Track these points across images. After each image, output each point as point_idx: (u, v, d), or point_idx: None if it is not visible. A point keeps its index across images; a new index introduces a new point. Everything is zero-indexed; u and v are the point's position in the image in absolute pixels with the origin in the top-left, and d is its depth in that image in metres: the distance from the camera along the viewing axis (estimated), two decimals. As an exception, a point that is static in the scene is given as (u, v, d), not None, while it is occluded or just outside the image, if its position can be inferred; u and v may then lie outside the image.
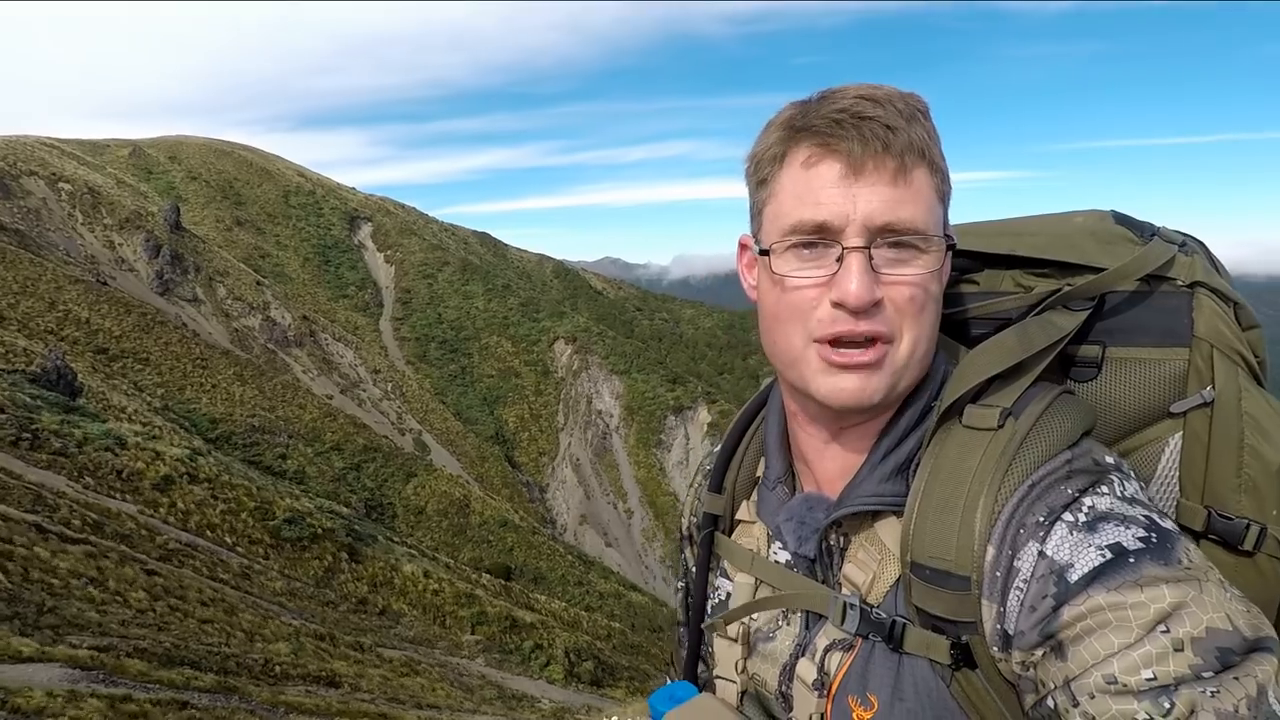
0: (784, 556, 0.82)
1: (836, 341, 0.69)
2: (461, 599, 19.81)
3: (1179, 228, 0.77)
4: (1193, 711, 0.50)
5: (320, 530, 19.89)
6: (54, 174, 59.98)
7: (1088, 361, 0.73)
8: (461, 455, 60.27)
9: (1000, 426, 0.67)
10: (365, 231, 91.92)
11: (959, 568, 0.64)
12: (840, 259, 0.68)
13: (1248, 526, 0.66)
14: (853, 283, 0.66)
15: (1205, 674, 0.51)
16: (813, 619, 0.78)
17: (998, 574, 0.62)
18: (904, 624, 0.68)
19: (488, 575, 26.63)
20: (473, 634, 18.23)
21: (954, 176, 0.73)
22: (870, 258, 0.67)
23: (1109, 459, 0.66)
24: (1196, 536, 0.67)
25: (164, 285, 58.00)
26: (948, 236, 0.71)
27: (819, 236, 0.68)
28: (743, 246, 0.80)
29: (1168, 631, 0.53)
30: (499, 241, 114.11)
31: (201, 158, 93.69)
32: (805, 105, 0.72)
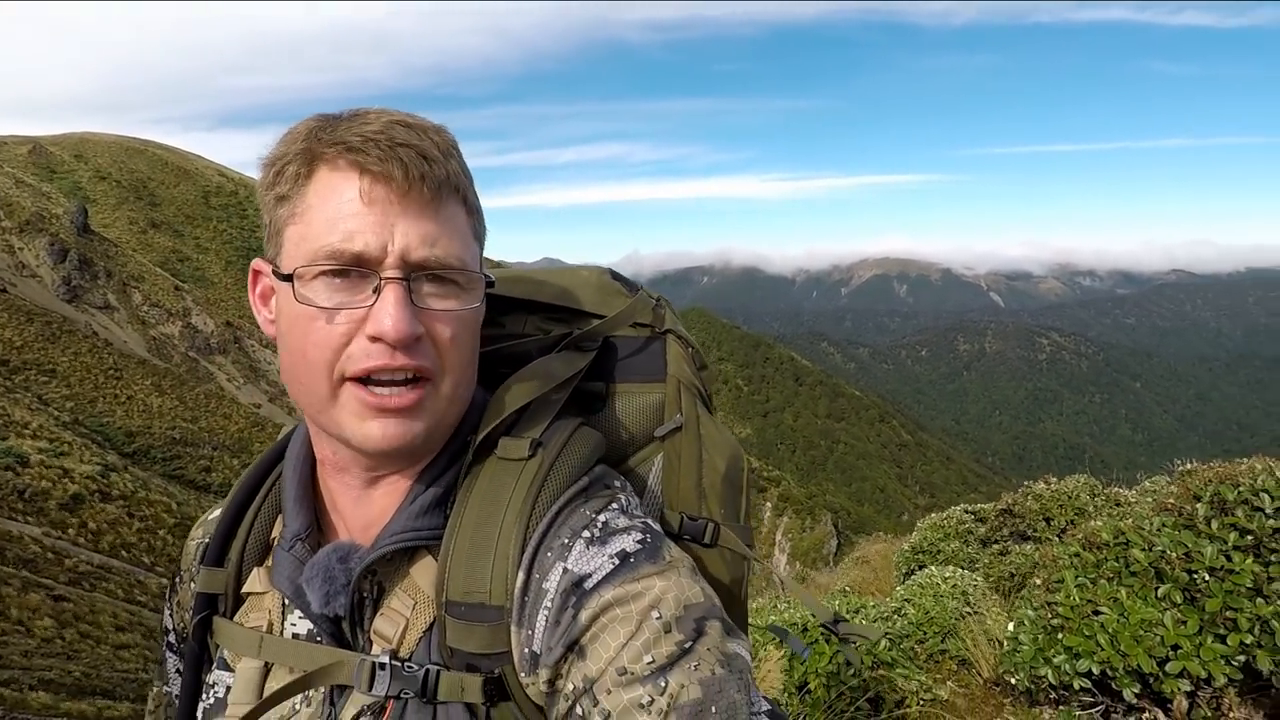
0: (304, 626, 0.76)
1: (371, 379, 0.67)
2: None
3: (1077, 230, 0.69)
4: (683, 686, 0.60)
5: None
6: (-55, 173, 55.91)
7: (596, 395, 0.83)
8: (397, 462, 58.88)
9: (531, 455, 0.71)
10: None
11: (494, 598, 0.66)
12: (378, 290, 0.66)
13: (707, 525, 0.80)
14: (390, 315, 0.65)
15: (687, 645, 0.61)
16: (338, 690, 0.73)
17: (526, 599, 0.66)
18: (437, 671, 0.68)
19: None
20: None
21: (875, 180, 0.70)
22: (410, 290, 0.67)
23: (616, 482, 0.76)
24: (676, 537, 0.79)
25: (71, 292, 54.78)
26: (486, 276, 0.73)
27: (354, 265, 0.66)
28: (256, 273, 0.76)
29: (660, 617, 0.62)
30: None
31: (111, 156, 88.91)
32: (333, 120, 0.69)
